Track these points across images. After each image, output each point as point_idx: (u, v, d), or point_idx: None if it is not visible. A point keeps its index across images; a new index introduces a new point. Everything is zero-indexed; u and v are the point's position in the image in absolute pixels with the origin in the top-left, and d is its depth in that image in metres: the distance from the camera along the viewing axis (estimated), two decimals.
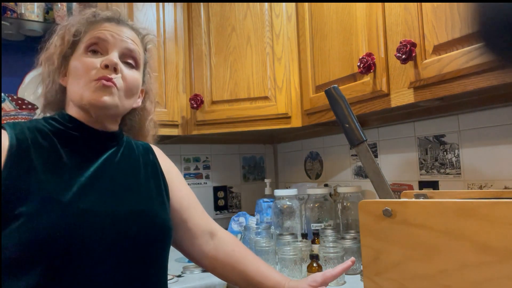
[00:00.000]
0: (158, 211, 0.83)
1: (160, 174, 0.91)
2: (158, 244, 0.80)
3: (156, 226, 0.80)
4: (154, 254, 0.79)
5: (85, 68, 0.78)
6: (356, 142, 0.74)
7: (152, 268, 0.78)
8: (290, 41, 1.52)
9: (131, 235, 0.75)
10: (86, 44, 0.80)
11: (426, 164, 1.40)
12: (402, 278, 0.60)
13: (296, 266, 1.17)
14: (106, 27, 0.82)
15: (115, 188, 0.78)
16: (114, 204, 0.76)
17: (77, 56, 0.80)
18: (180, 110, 1.62)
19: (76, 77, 0.79)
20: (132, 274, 0.74)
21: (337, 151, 1.79)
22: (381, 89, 1.13)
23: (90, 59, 0.78)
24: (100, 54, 0.80)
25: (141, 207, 0.80)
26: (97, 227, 0.71)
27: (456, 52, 0.92)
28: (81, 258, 0.68)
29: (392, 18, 1.11)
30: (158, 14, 1.59)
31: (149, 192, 0.85)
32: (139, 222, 0.77)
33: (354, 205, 1.45)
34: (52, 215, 0.67)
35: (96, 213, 0.72)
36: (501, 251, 0.51)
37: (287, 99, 1.50)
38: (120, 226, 0.74)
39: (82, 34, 0.81)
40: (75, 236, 0.67)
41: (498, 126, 1.20)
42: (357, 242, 1.24)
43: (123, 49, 0.81)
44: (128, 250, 0.74)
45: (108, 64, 0.77)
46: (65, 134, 0.78)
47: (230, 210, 2.05)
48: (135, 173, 0.85)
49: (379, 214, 0.62)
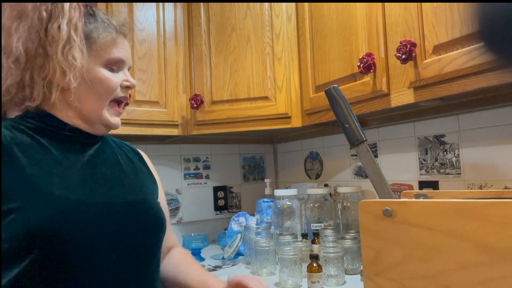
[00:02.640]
0: (152, 203, 0.85)
1: (152, 174, 0.94)
2: (152, 235, 0.81)
3: (150, 217, 0.82)
4: (148, 245, 0.80)
5: (111, 88, 0.80)
6: (356, 142, 0.74)
7: (145, 259, 0.79)
8: (290, 41, 1.52)
9: (125, 225, 0.76)
10: (108, 61, 0.80)
11: (426, 164, 1.40)
12: (402, 278, 0.60)
13: (296, 266, 1.17)
14: (121, 43, 0.83)
15: (107, 180, 0.79)
16: (107, 195, 0.77)
17: (98, 68, 0.79)
18: (180, 110, 1.62)
19: (97, 92, 0.79)
20: (126, 264, 0.75)
21: (337, 151, 1.79)
22: (381, 89, 1.13)
23: (114, 78, 0.81)
24: (115, 71, 0.82)
25: (134, 198, 0.81)
26: (90, 218, 0.71)
27: (456, 52, 0.92)
28: (74, 249, 0.68)
29: (392, 18, 1.11)
30: (158, 14, 1.59)
31: (140, 184, 0.86)
32: (133, 212, 0.79)
33: (354, 205, 1.45)
34: (44, 208, 0.67)
35: (89, 204, 0.73)
36: (501, 251, 0.51)
37: (287, 99, 1.50)
38: (114, 216, 0.75)
39: (102, 41, 0.79)
40: (67, 227, 0.68)
41: (498, 126, 1.20)
42: (357, 242, 1.24)
43: (129, 66, 0.86)
44: (122, 240, 0.74)
45: (130, 86, 0.84)
46: (51, 131, 0.77)
47: (230, 210, 2.05)
48: (123, 166, 0.86)
49: (379, 214, 0.62)
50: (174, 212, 1.88)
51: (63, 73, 0.74)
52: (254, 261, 1.33)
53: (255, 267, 1.32)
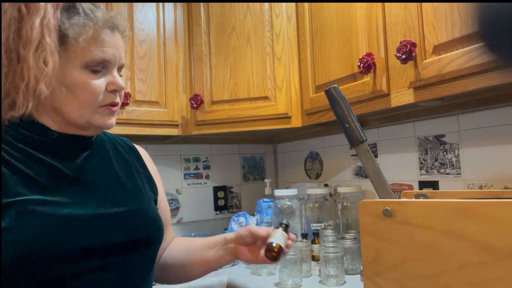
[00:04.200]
0: (147, 211, 0.80)
1: (149, 174, 0.89)
2: (147, 248, 0.77)
3: (144, 228, 0.77)
4: (142, 259, 0.76)
5: (93, 95, 0.71)
6: (356, 142, 0.74)
7: (139, 275, 0.75)
8: (290, 41, 1.52)
9: (116, 239, 0.71)
10: (87, 63, 0.71)
11: (426, 164, 1.40)
12: (402, 278, 0.60)
13: (296, 266, 1.17)
14: (106, 41, 0.72)
15: (97, 189, 0.75)
16: (97, 206, 0.72)
17: (76, 71, 0.70)
18: (180, 110, 1.62)
19: (79, 98, 0.71)
20: (118, 283, 0.71)
21: (337, 151, 1.79)
22: (381, 89, 1.13)
23: (96, 83, 0.71)
24: (99, 72, 0.73)
25: (128, 208, 0.76)
26: (77, 233, 0.67)
27: (456, 52, 0.92)
28: (61, 268, 0.65)
29: (392, 18, 1.11)
30: (158, 14, 1.59)
31: (136, 191, 0.81)
32: (126, 224, 0.74)
33: (354, 205, 1.45)
34: (32, 226, 0.64)
35: (77, 217, 0.68)
36: (501, 251, 0.51)
37: (287, 99, 1.50)
38: (104, 230, 0.70)
39: (78, 40, 0.69)
40: (54, 244, 0.64)
41: (498, 126, 1.20)
42: (357, 242, 1.24)
43: (119, 65, 0.77)
44: (113, 255, 0.71)
45: (117, 90, 0.74)
46: (38, 141, 0.72)
47: (230, 210, 2.05)
48: (117, 172, 0.81)
49: (379, 214, 0.62)
50: (174, 212, 1.88)
51: (36, 80, 0.66)
52: None
53: (255, 267, 1.32)
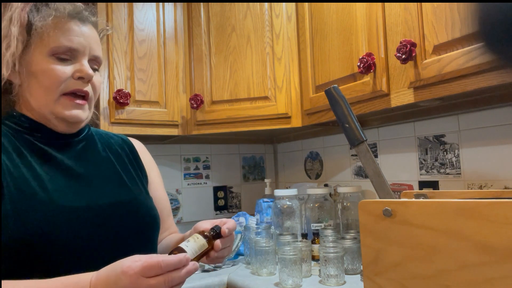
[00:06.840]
0: (141, 201, 0.81)
1: (141, 166, 0.89)
2: (143, 236, 0.78)
3: (140, 217, 0.78)
4: (140, 245, 0.77)
5: (56, 79, 0.72)
6: (356, 142, 0.74)
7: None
8: (290, 41, 1.52)
9: (112, 229, 0.72)
10: (52, 50, 0.72)
11: (426, 164, 1.40)
12: (402, 278, 0.60)
13: (296, 266, 1.17)
14: (73, 30, 0.74)
15: (91, 181, 0.76)
16: (91, 197, 0.73)
17: (42, 59, 0.72)
18: (180, 110, 1.62)
19: (43, 85, 0.72)
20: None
21: (337, 151, 1.79)
22: (381, 89, 1.13)
23: (60, 68, 0.72)
24: (68, 61, 0.74)
25: (122, 198, 0.77)
26: (73, 224, 0.68)
27: (456, 52, 0.92)
28: (58, 259, 0.66)
29: (392, 18, 1.11)
30: (158, 14, 1.59)
31: (130, 181, 0.82)
32: (121, 214, 0.75)
33: (354, 205, 1.45)
34: (29, 215, 0.65)
35: (72, 209, 0.69)
36: (501, 251, 0.51)
37: (287, 99, 1.50)
38: (99, 221, 0.72)
39: (42, 28, 0.72)
40: (50, 235, 0.65)
41: (498, 126, 1.20)
42: (357, 242, 1.24)
43: (91, 56, 0.77)
44: (110, 245, 0.71)
45: (84, 77, 0.74)
46: (26, 135, 0.74)
47: (230, 210, 2.05)
48: (110, 164, 0.82)
49: (379, 214, 0.62)
50: (174, 212, 1.88)
51: (6, 69, 0.71)
52: (254, 261, 1.33)
53: (255, 267, 1.32)
